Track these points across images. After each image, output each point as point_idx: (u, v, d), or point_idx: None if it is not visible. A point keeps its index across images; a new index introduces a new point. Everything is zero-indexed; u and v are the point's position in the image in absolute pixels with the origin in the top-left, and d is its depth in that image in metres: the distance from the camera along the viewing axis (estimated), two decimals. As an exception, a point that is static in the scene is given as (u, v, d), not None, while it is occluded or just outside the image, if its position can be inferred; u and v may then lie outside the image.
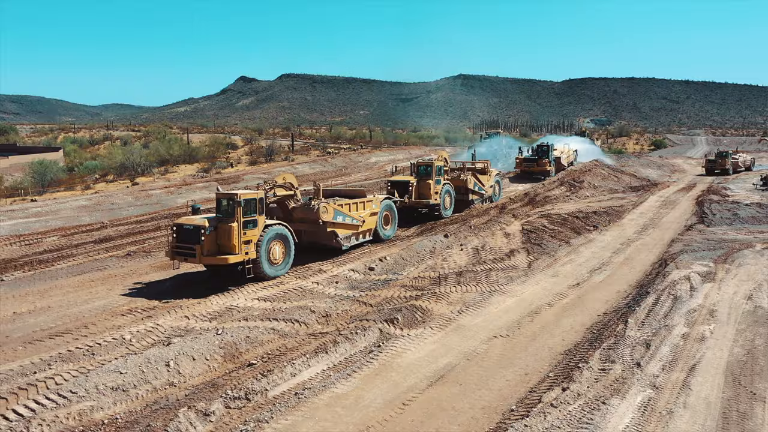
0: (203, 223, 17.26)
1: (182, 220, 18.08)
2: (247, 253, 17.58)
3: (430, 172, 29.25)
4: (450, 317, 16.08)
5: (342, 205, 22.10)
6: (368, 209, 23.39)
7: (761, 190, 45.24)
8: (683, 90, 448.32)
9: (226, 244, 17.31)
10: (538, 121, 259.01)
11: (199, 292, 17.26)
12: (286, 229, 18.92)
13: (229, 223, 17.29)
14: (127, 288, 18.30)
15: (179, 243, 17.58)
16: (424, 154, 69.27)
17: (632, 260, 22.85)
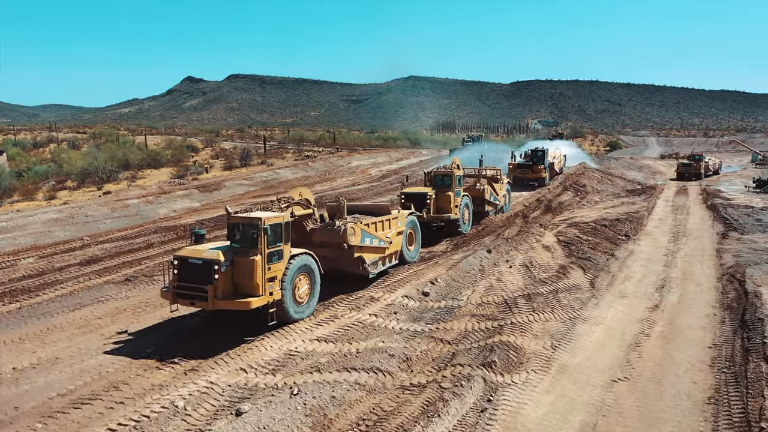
0: (216, 256, 13.40)
1: (186, 251, 13.95)
2: (272, 293, 13.89)
3: (450, 183, 25.96)
4: (547, 356, 13.67)
5: (368, 224, 18.52)
6: (394, 228, 19.95)
7: (756, 192, 44.95)
8: (625, 93, 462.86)
9: (247, 283, 13.57)
10: (487, 123, 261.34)
11: (239, 330, 14.23)
12: (311, 259, 15.33)
13: (251, 255, 13.53)
14: (145, 326, 15.07)
15: (183, 282, 13.63)
16: (403, 157, 67.03)
17: (691, 275, 21.03)
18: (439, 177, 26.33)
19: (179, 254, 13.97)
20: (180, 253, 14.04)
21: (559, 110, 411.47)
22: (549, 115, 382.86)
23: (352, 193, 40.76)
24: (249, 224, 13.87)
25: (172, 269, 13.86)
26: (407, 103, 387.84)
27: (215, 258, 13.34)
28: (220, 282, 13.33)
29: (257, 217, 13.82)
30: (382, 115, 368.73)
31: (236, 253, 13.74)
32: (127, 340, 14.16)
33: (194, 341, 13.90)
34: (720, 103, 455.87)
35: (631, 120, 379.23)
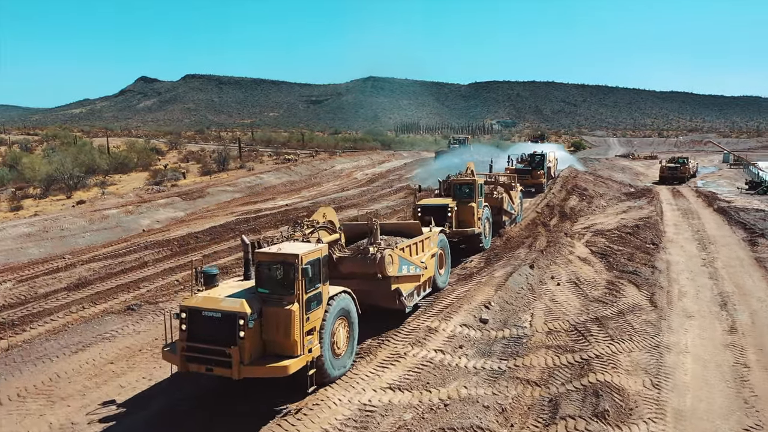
0: (240, 307, 10.34)
1: (198, 301, 10.73)
2: (310, 350, 10.92)
3: (472, 193, 23.08)
4: (654, 398, 11.80)
5: (403, 249, 15.57)
6: (428, 250, 17.08)
7: (750, 194, 44.55)
8: (580, 93, 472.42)
9: (281, 340, 10.58)
10: (447, 123, 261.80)
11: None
12: (350, 298, 12.46)
13: (285, 304, 10.60)
14: (170, 373, 12.51)
15: (195, 342, 10.50)
16: (385, 159, 64.89)
17: (744, 288, 19.56)
18: (460, 186, 23.36)
19: (189, 305, 10.68)
20: (190, 303, 10.75)
21: (517, 111, 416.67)
22: (507, 115, 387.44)
23: (343, 200, 38.42)
24: (282, 263, 10.85)
25: (180, 322, 10.67)
26: (367, 104, 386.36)
27: (240, 310, 10.28)
28: (248, 341, 10.26)
29: (293, 254, 10.75)
30: (342, 116, 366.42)
31: (265, 301, 10.74)
32: (154, 393, 11.62)
33: (243, 390, 11.47)
34: (669, 103, 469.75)
35: (586, 120, 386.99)
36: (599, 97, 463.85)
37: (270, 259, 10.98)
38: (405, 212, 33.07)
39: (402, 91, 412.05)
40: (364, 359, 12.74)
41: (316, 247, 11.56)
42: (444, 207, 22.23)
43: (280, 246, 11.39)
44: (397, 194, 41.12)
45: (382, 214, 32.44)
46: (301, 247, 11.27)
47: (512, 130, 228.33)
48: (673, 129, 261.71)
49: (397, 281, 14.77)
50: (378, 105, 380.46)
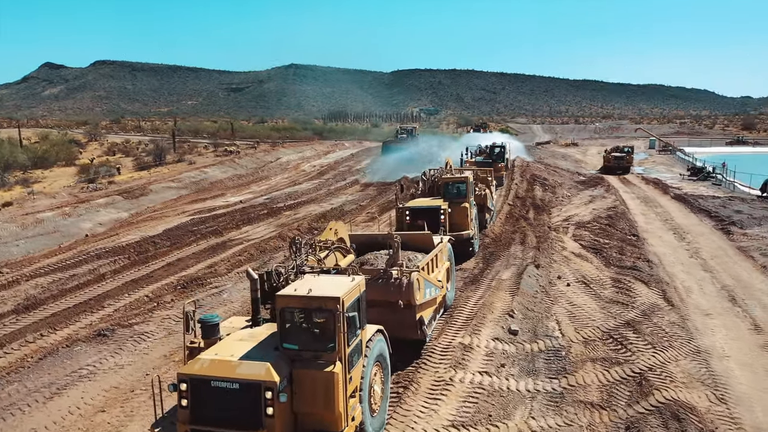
0: (265, 374, 7.84)
1: (204, 368, 8.05)
2: (353, 418, 8.61)
3: (465, 192, 21.08)
4: (727, 416, 10.93)
5: (424, 267, 13.12)
6: (441, 265, 14.89)
7: (693, 180, 45.82)
8: (499, 81, 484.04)
9: (320, 413, 8.19)
10: (371, 111, 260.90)
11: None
12: (383, 338, 10.06)
13: (324, 364, 8.18)
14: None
15: (203, 425, 7.99)
16: (329, 150, 62.63)
17: (743, 280, 19.28)
18: (451, 186, 21.25)
19: (192, 372, 8.02)
20: (192, 370, 8.06)
21: (439, 98, 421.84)
22: (430, 103, 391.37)
23: (299, 194, 36.25)
24: (318, 309, 8.36)
25: (179, 398, 8.10)
26: (290, 92, 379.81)
27: (265, 379, 7.75)
28: (278, 421, 7.80)
29: (332, 297, 8.23)
30: (264, 104, 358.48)
31: (294, 361, 8.22)
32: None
33: None
34: (582, 91, 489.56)
35: (505, 108, 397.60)
36: (517, 85, 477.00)
37: (300, 304, 8.38)
38: (371, 208, 31.44)
39: (325, 79, 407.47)
40: (409, 389, 11.09)
41: (354, 283, 8.97)
42: (436, 209, 19.71)
43: (308, 285, 8.70)
44: (353, 187, 39.36)
45: (347, 210, 30.65)
46: (337, 286, 8.67)
47: (436, 117, 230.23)
48: (587, 116, 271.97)
49: (420, 308, 12.41)
50: (301, 93, 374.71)
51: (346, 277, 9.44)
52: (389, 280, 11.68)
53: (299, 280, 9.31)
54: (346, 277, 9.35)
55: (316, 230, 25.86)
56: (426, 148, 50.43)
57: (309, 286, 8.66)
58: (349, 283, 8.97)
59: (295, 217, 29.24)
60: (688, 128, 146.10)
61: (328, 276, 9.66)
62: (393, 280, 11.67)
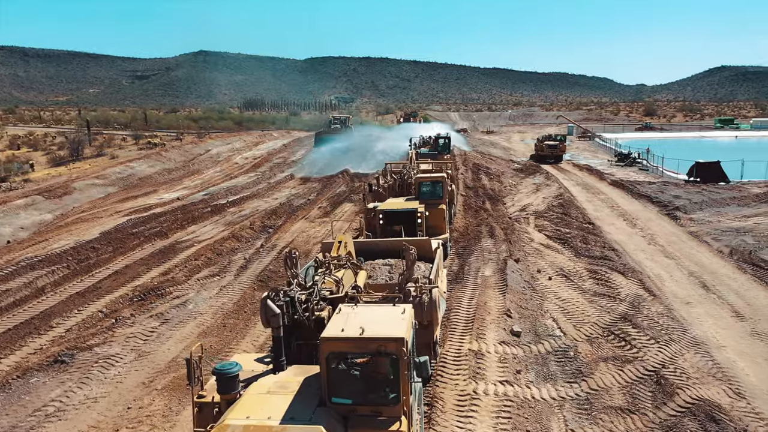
0: None
1: None
2: None
3: (441, 193, 19.70)
4: (752, 411, 10.80)
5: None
6: (442, 272, 13.84)
7: (621, 165, 47.48)
8: (412, 69, 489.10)
9: None
10: (286, 99, 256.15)
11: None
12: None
13: (388, 422, 6.84)
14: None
15: None
16: (258, 141, 60.16)
17: (706, 266, 19.70)
18: (426, 186, 19.80)
19: None
20: None
21: (354, 86, 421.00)
22: (345, 90, 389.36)
23: (239, 189, 34.35)
24: (377, 353, 6.89)
25: None
26: (199, 80, 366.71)
27: None
28: None
29: (394, 338, 6.87)
30: (173, 93, 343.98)
31: (348, 418, 6.85)
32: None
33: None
34: (493, 79, 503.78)
35: (420, 95, 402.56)
36: (430, 73, 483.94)
37: (354, 348, 6.93)
38: (321, 202, 30.17)
39: (236, 67, 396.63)
40: (435, 407, 10.21)
41: (407, 315, 7.58)
42: (413, 212, 17.96)
43: (354, 321, 7.24)
44: (293, 180, 37.79)
45: (297, 205, 29.23)
46: (393, 322, 7.25)
47: (351, 105, 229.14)
48: (498, 103, 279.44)
49: (436, 327, 11.06)
50: (211, 81, 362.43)
51: (391, 306, 8.05)
52: (408, 298, 10.19)
53: (338, 314, 7.75)
54: (391, 308, 7.96)
55: (271, 228, 24.43)
56: (362, 139, 49.44)
57: (356, 323, 7.20)
58: (402, 316, 7.56)
59: (241, 214, 27.53)
60: (595, 115, 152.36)
61: (369, 308, 8.14)
62: (413, 299, 10.13)
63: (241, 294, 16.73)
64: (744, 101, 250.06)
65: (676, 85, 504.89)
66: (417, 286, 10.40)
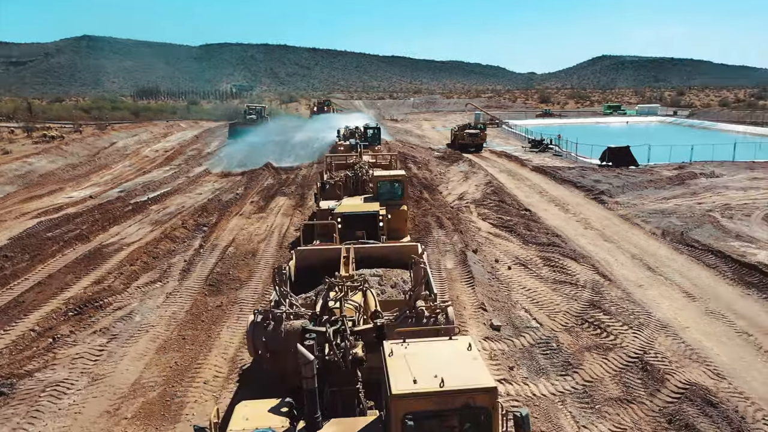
0: None
1: None
2: None
3: (402, 192, 18.51)
4: (735, 391, 11.15)
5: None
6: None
7: (535, 151, 49.01)
8: (312, 57, 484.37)
9: None
10: (181, 87, 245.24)
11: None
12: None
13: None
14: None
15: None
16: (167, 132, 56.68)
17: (642, 248, 20.55)
18: (386, 185, 18.37)
19: None
20: None
21: (253, 74, 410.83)
22: (243, 78, 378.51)
23: (156, 185, 32.03)
24: (465, 410, 5.69)
25: None
26: (83, 66, 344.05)
27: None
28: None
29: (486, 388, 5.71)
30: (55, 80, 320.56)
31: None
32: None
33: None
34: (392, 67, 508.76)
35: (320, 83, 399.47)
36: (330, 61, 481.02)
37: (435, 405, 5.62)
38: (252, 197, 28.70)
39: (125, 53, 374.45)
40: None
41: (477, 353, 6.40)
42: (374, 215, 16.32)
43: (428, 369, 5.84)
44: (212, 174, 35.84)
45: (227, 200, 27.65)
46: (473, 366, 6.03)
47: (251, 93, 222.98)
48: (398, 90, 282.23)
49: None
50: (98, 68, 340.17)
51: (447, 341, 6.63)
52: (421, 319, 9.01)
53: (391, 356, 6.18)
54: (450, 342, 6.55)
55: (205, 226, 22.88)
56: (279, 130, 47.84)
57: (424, 369, 5.83)
58: (472, 354, 6.25)
59: (167, 211, 25.63)
60: (495, 102, 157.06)
61: (424, 345, 6.51)
62: (425, 320, 9.00)
63: (192, 301, 15.40)
64: (624, 88, 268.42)
65: (563, 73, 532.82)
66: (431, 306, 9.31)
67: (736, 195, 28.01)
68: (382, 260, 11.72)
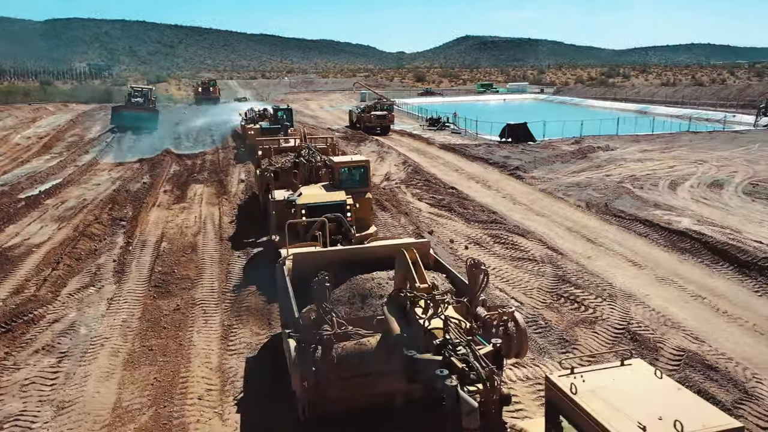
0: None
1: None
2: None
3: (366, 180, 17.53)
4: (717, 352, 11.82)
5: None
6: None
7: (433, 129, 49.72)
8: (175, 34, 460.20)
9: None
10: (23, 67, 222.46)
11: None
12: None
13: None
14: None
15: None
16: (35, 117, 50.71)
17: (573, 220, 21.38)
18: (349, 171, 17.16)
19: None
20: None
21: (109, 52, 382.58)
22: (99, 57, 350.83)
23: (44, 176, 28.58)
24: None
25: None
26: None
27: None
28: None
29: (735, 429, 4.66)
30: None
31: None
32: None
33: None
34: (262, 46, 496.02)
35: (186, 62, 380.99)
36: (195, 39, 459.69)
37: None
38: (164, 185, 26.38)
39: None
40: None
41: (688, 391, 5.37)
42: (341, 205, 15.04)
43: (641, 409, 4.82)
44: (105, 163, 32.64)
45: (135, 190, 25.22)
46: (691, 404, 5.01)
47: (109, 73, 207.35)
48: (268, 70, 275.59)
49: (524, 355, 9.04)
50: None
51: (622, 367, 5.48)
52: (490, 329, 8.01)
53: (577, 394, 4.97)
54: (631, 368, 5.43)
55: (123, 221, 20.66)
56: (170, 115, 44.63)
57: (636, 409, 4.81)
58: (680, 386, 5.31)
59: (68, 206, 22.89)
60: (372, 81, 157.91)
61: (607, 375, 5.35)
62: (493, 330, 7.99)
63: (141, 306, 13.75)
64: (488, 67, 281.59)
65: (431, 53, 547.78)
66: (499, 313, 8.27)
67: (636, 166, 30.08)
68: (386, 261, 10.13)
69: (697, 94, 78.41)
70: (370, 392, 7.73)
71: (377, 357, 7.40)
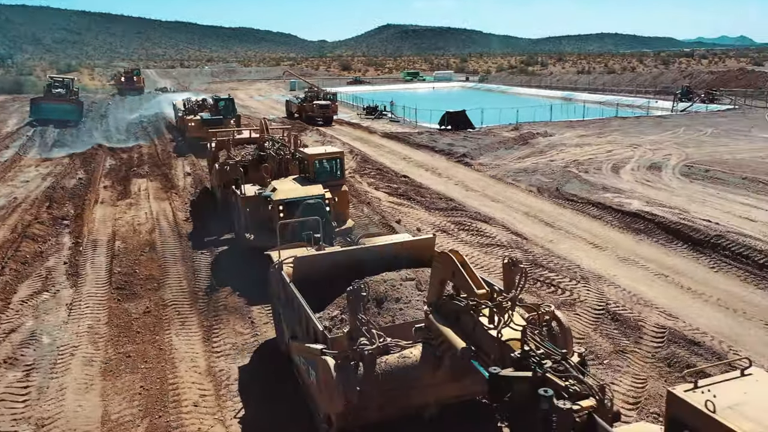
0: None
1: None
2: None
3: (341, 172, 16.94)
4: (698, 330, 12.34)
5: None
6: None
7: (371, 118, 49.55)
8: (84, 22, 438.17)
9: None
10: None
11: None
12: None
13: None
14: None
15: None
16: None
17: (530, 206, 21.92)
18: (324, 163, 16.49)
19: None
20: None
21: (10, 40, 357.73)
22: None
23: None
24: None
25: None
26: None
27: None
28: None
29: None
30: None
31: None
32: None
33: None
34: (178, 34, 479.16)
35: (96, 51, 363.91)
36: (106, 26, 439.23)
37: None
38: (104, 180, 24.84)
39: None
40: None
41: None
42: (320, 200, 14.41)
43: None
44: (30, 159, 30.47)
45: (72, 187, 23.65)
46: None
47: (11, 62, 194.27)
48: (185, 59, 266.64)
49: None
50: None
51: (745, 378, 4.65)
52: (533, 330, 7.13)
53: (716, 414, 4.10)
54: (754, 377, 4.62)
55: (65, 219, 19.30)
56: (95, 106, 42.17)
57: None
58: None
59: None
60: (298, 70, 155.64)
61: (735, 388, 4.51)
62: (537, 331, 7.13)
63: (107, 310, 12.86)
64: (411, 56, 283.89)
65: (353, 41, 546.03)
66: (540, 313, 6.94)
67: (576, 151, 31.07)
68: (394, 258, 9.59)
69: (616, 81, 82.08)
70: (406, 404, 7.36)
71: (423, 369, 7.08)
